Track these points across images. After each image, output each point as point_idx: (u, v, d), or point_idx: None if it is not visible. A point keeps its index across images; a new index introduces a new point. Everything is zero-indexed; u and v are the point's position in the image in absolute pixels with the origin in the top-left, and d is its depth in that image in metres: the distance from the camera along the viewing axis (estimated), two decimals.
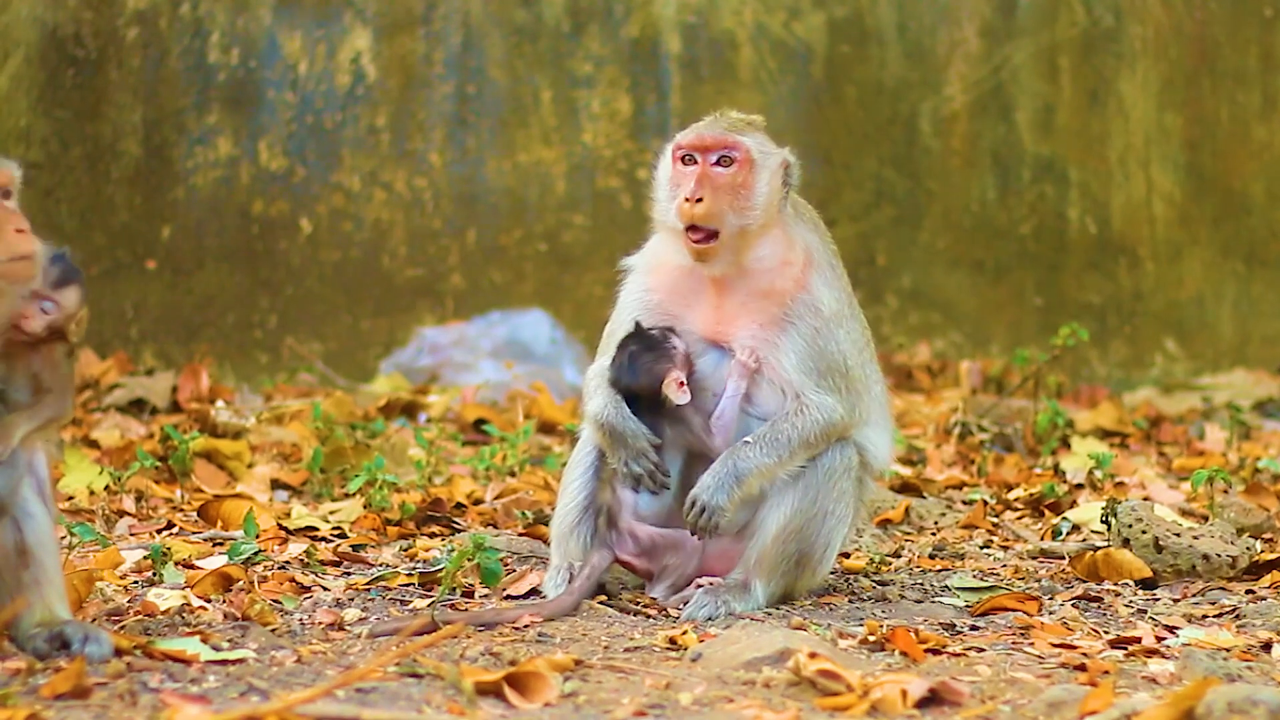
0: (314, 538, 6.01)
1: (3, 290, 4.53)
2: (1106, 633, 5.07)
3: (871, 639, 4.85)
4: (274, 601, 5.09)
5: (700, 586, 5.23)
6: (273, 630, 4.83)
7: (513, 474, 6.99)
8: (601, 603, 5.21)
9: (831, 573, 5.56)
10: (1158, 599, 5.53)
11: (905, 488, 7.02)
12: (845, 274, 5.42)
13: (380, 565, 5.69)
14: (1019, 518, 6.71)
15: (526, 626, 4.94)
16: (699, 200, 5.15)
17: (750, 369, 5.20)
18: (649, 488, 5.21)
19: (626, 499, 5.25)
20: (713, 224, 5.17)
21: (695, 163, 5.21)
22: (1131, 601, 5.48)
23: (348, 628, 4.92)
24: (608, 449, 5.26)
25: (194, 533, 6.06)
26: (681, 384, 5.22)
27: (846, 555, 5.88)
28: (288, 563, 5.62)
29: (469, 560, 5.18)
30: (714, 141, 5.23)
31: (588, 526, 5.33)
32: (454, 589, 5.29)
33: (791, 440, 5.18)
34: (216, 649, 4.61)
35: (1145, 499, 6.49)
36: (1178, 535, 5.76)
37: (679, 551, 5.27)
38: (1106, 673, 4.62)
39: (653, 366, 5.22)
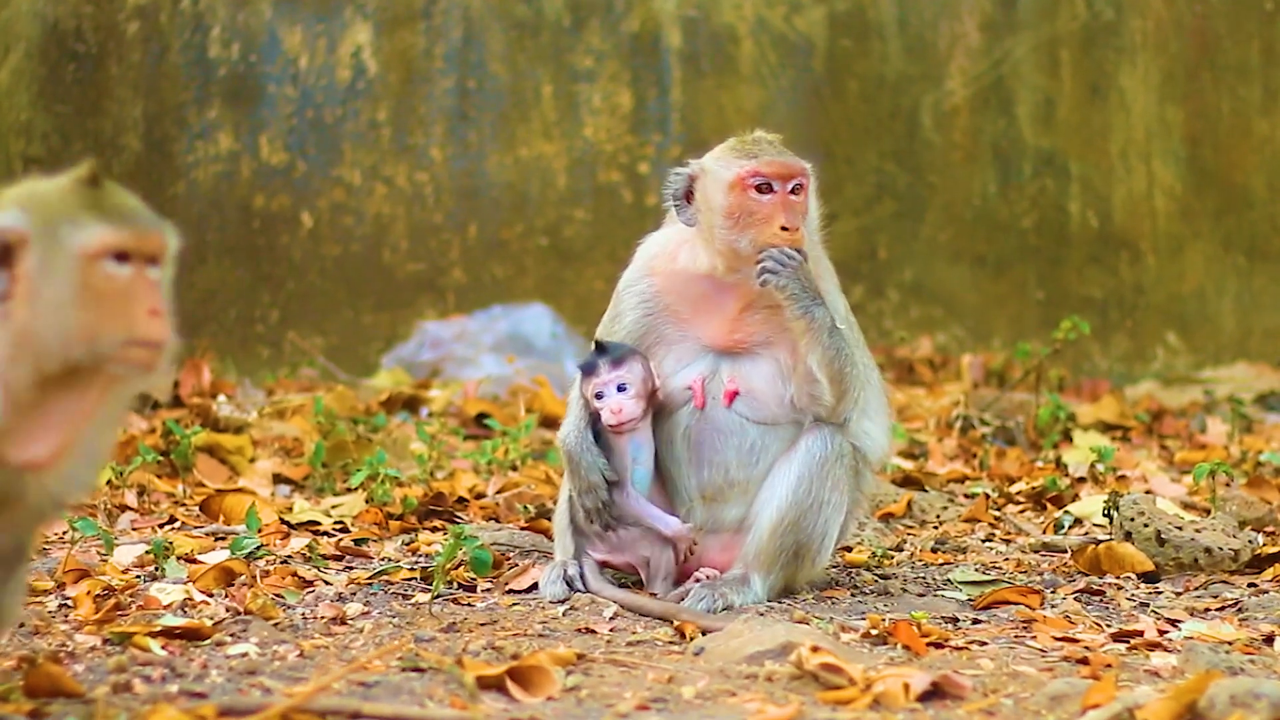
0: (316, 532, 6.01)
1: (118, 377, 3.77)
2: (1109, 626, 5.07)
3: (874, 633, 4.85)
4: (276, 596, 5.09)
5: (698, 580, 5.24)
6: (275, 624, 4.83)
7: (514, 468, 6.99)
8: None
9: (833, 566, 5.56)
10: (1160, 592, 5.52)
11: (907, 481, 7.02)
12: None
13: (382, 559, 5.69)
14: (1021, 511, 6.71)
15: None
16: (796, 230, 5.10)
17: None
18: (596, 523, 5.22)
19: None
20: (800, 249, 5.13)
21: (773, 191, 5.12)
22: (1133, 595, 5.48)
23: (350, 622, 4.93)
24: (566, 474, 5.29)
25: (196, 527, 6.06)
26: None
27: (848, 549, 5.88)
28: (290, 557, 5.62)
29: (461, 553, 5.18)
30: (795, 169, 5.13)
31: None
32: (452, 583, 5.29)
33: (840, 346, 5.14)
34: (219, 644, 4.61)
35: (1147, 492, 6.48)
36: (1180, 528, 5.76)
37: (651, 543, 5.25)
38: (1109, 666, 4.62)
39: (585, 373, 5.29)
